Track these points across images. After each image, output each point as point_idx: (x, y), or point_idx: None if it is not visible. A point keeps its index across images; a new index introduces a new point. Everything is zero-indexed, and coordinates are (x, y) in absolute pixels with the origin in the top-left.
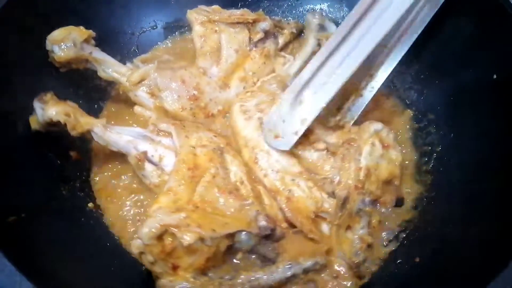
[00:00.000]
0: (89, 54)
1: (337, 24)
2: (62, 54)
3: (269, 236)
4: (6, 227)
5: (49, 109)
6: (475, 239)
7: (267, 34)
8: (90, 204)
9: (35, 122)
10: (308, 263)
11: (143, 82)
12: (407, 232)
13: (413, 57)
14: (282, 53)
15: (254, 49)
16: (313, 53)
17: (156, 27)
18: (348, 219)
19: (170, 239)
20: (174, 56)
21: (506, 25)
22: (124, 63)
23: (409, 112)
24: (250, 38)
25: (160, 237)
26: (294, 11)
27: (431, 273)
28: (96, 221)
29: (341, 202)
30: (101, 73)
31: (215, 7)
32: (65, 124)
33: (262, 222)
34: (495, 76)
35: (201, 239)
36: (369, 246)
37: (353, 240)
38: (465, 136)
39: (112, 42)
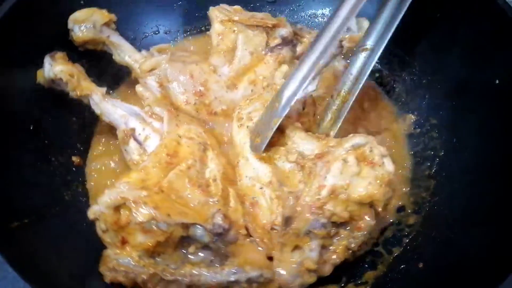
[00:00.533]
0: (106, 37)
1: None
2: (81, 34)
3: (221, 235)
4: (8, 233)
5: (56, 66)
6: (479, 244)
7: (284, 41)
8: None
9: (41, 76)
10: (253, 273)
11: (153, 71)
12: (410, 237)
13: (415, 62)
14: (297, 61)
15: (269, 54)
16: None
17: (158, 32)
18: (295, 239)
19: (127, 213)
20: (191, 52)
21: (508, 29)
22: (140, 50)
23: (411, 117)
24: (267, 43)
25: (117, 209)
26: (295, 16)
27: (435, 279)
28: None
29: (283, 221)
30: (116, 57)
31: (237, 7)
32: (67, 84)
33: (217, 219)
34: (497, 81)
35: (154, 220)
36: (312, 271)
37: (292, 262)
38: (468, 140)
39: None
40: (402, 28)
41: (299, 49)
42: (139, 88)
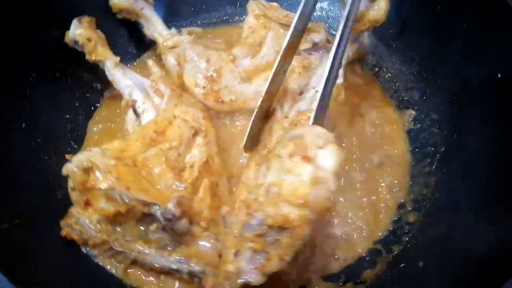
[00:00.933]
0: (140, 9)
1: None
2: (117, 1)
3: (170, 221)
4: None
5: (78, 30)
6: (481, 242)
7: (315, 47)
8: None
9: (67, 36)
10: (196, 267)
11: (175, 49)
12: (410, 235)
13: (415, 57)
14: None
15: (296, 56)
16: None
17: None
18: (235, 240)
19: (94, 177)
20: (218, 40)
21: (509, 23)
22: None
23: (411, 112)
24: None
25: (86, 171)
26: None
27: (436, 278)
28: None
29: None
30: (146, 31)
31: (275, 4)
32: (83, 47)
33: (169, 205)
34: (499, 75)
35: (114, 190)
36: (239, 277)
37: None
38: (469, 136)
39: (112, 43)
40: (402, 22)
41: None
42: (150, 62)
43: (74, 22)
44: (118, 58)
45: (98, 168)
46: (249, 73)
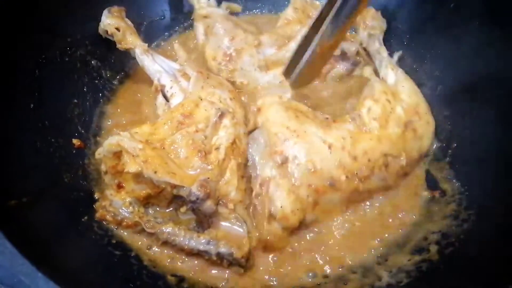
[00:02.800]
0: None
1: None
2: None
3: (194, 203)
4: (7, 210)
5: (106, 20)
6: (494, 240)
7: (343, 56)
8: (97, 195)
9: (100, 27)
10: (223, 249)
11: (206, 19)
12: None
13: (427, 54)
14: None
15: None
16: None
17: (164, 17)
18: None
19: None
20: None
21: None
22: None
23: None
24: None
25: (117, 154)
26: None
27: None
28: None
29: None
30: None
31: (317, 3)
32: (113, 36)
33: (193, 187)
34: None
35: (141, 173)
36: None
37: None
38: (482, 132)
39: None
40: (414, 20)
41: (357, 71)
42: (176, 45)
43: (105, 12)
44: (146, 45)
45: (126, 152)
46: (269, 62)
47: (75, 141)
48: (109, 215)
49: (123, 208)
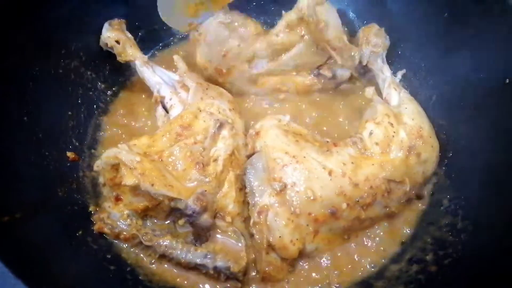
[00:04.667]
0: None
1: None
2: None
3: (191, 216)
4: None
5: (107, 33)
6: (488, 249)
7: (334, 78)
8: (92, 208)
9: (101, 40)
10: (220, 263)
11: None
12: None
13: (422, 63)
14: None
15: (311, 76)
16: None
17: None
18: None
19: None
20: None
21: None
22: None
23: None
24: (319, 67)
25: (116, 167)
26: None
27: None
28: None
29: None
30: None
31: (322, 25)
32: (113, 49)
33: (190, 201)
34: (507, 81)
35: (139, 186)
36: None
37: None
38: (477, 141)
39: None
40: (408, 28)
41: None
42: (175, 56)
43: (105, 25)
44: (146, 57)
45: (124, 164)
46: (259, 76)
47: (70, 154)
48: (107, 228)
49: (121, 220)
